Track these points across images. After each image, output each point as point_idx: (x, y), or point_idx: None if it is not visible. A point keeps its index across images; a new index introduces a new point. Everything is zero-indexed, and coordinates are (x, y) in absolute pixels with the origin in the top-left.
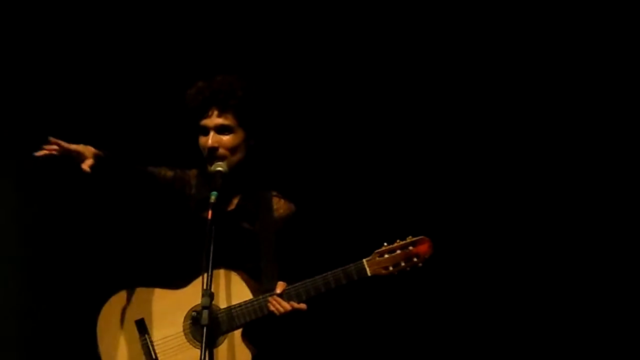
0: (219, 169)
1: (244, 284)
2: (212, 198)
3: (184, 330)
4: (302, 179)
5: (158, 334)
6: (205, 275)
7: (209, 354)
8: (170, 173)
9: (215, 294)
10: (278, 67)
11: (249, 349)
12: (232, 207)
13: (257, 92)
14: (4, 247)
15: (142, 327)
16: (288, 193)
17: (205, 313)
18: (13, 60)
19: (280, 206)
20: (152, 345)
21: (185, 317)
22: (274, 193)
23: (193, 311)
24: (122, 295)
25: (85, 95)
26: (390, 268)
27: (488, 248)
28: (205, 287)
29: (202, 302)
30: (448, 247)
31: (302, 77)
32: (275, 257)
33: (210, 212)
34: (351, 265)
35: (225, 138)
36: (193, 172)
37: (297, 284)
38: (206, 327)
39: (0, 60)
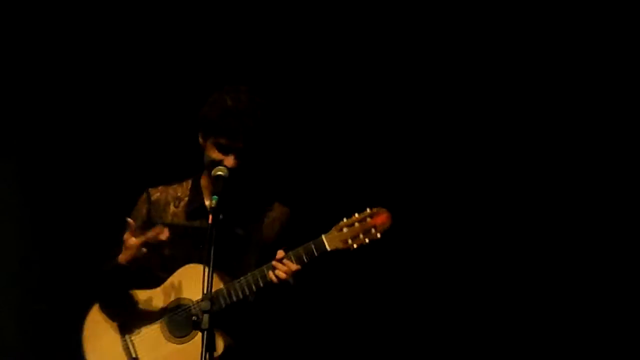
0: (220, 173)
1: (216, 276)
2: (213, 202)
3: (161, 327)
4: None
5: (137, 333)
6: (206, 278)
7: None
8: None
9: (188, 288)
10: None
11: (223, 338)
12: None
13: (274, 118)
14: (3, 248)
15: (123, 329)
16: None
17: (205, 317)
18: (13, 61)
19: (273, 210)
20: (133, 344)
21: (163, 313)
22: (268, 198)
23: (193, 316)
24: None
25: (85, 95)
26: (349, 241)
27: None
28: (205, 290)
29: (201, 305)
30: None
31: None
32: (257, 263)
33: (210, 216)
34: (311, 241)
35: (241, 160)
36: (186, 184)
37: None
38: (207, 331)
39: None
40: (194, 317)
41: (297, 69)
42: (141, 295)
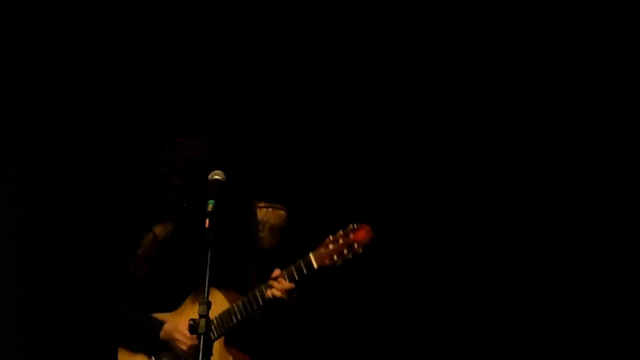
0: (217, 177)
1: (221, 295)
2: (210, 207)
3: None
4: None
5: (163, 354)
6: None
7: None
8: (142, 273)
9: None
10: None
11: (234, 355)
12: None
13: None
14: (3, 249)
15: (151, 352)
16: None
17: (202, 321)
18: (13, 61)
19: (268, 217)
20: None
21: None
22: (261, 204)
23: (190, 319)
24: None
25: (84, 96)
26: (335, 257)
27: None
28: (203, 296)
29: (199, 310)
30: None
31: None
32: (260, 270)
33: (207, 220)
34: (299, 259)
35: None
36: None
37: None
38: (203, 335)
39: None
40: (190, 322)
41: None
42: (162, 318)
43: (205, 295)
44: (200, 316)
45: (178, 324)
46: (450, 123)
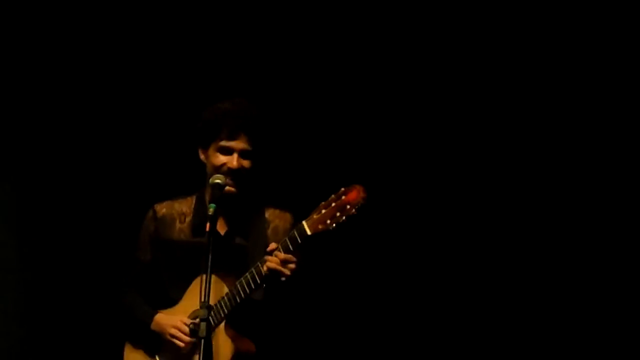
0: (218, 181)
1: (221, 282)
2: (210, 210)
3: None
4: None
5: (164, 351)
6: (203, 286)
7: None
8: (147, 255)
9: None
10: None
11: (234, 341)
12: (228, 223)
13: (273, 123)
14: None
15: (153, 350)
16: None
17: (203, 325)
18: (13, 61)
19: (274, 217)
20: None
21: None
22: (267, 205)
23: (191, 323)
24: None
25: (84, 96)
26: (328, 221)
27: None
28: (202, 299)
29: (199, 314)
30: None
31: None
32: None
33: (208, 224)
34: (294, 229)
35: (246, 162)
36: (191, 199)
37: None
38: (204, 339)
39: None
40: (190, 325)
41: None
42: (167, 313)
43: (207, 299)
44: (201, 319)
45: (173, 317)
46: (450, 123)
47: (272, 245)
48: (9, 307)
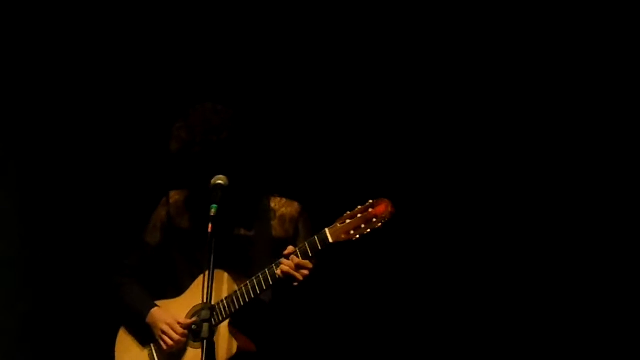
0: (220, 182)
1: (231, 279)
2: (212, 211)
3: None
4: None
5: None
6: (205, 284)
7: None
8: (156, 238)
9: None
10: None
11: (238, 340)
12: (231, 215)
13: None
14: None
15: (149, 339)
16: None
17: (205, 326)
18: (13, 61)
19: (280, 206)
20: (156, 352)
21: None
22: (272, 195)
23: (193, 324)
24: None
25: (83, 97)
26: (352, 232)
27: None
28: (205, 300)
29: (201, 315)
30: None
31: None
32: (272, 261)
33: (210, 225)
34: (315, 235)
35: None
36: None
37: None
38: (206, 340)
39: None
40: (193, 326)
41: (302, 64)
42: (162, 305)
43: (209, 300)
44: (203, 321)
45: (168, 313)
46: (452, 123)
47: (290, 249)
48: (11, 304)
